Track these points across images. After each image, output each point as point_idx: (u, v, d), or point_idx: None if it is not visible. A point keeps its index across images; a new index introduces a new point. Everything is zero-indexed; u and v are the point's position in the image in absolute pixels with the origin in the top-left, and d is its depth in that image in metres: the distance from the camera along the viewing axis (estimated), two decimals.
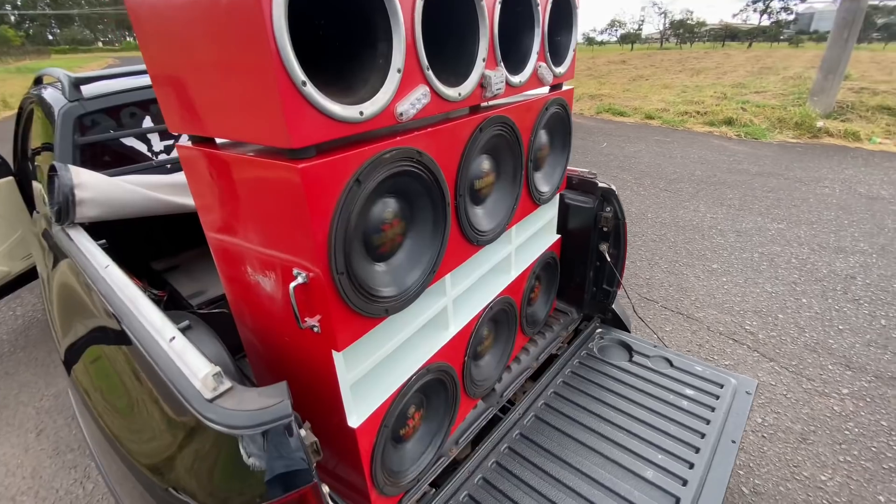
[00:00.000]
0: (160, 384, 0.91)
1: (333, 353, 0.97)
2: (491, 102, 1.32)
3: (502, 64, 1.22)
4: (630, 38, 45.34)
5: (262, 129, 0.78)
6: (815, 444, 2.08)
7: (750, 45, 35.49)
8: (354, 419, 1.08)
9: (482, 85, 1.17)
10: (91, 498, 1.93)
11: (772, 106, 9.14)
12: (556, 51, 1.55)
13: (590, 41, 55.51)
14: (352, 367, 1.05)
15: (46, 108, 1.97)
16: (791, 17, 42.04)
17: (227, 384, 0.85)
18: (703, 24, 44.79)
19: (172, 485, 0.88)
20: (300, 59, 0.73)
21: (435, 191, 1.08)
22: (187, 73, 0.88)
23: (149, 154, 2.04)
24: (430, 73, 0.98)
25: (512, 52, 1.38)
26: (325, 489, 0.92)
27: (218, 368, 0.85)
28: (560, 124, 1.67)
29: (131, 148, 1.98)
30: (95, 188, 1.61)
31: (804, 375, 2.48)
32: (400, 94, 0.92)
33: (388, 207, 1.01)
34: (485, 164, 1.35)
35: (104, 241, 1.52)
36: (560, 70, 1.54)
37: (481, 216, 1.37)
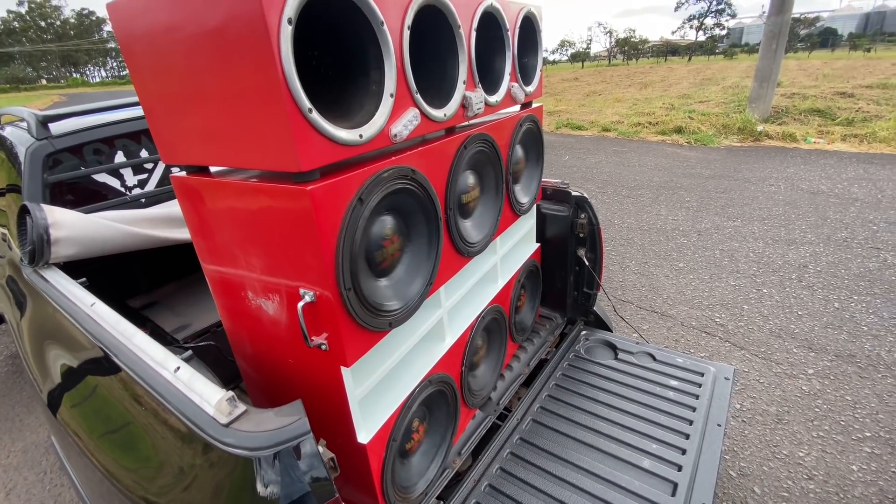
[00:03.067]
0: (169, 416, 0.90)
1: (342, 369, 0.99)
2: (472, 122, 1.41)
3: (480, 85, 1.30)
4: (580, 57, 47.62)
5: (270, 155, 0.81)
6: (790, 423, 2.21)
7: (690, 59, 37.95)
8: (364, 435, 1.09)
9: (464, 105, 1.24)
10: None
11: (716, 114, 9.78)
12: (525, 71, 1.66)
13: (543, 61, 57.93)
14: (359, 382, 1.07)
15: (8, 149, 1.91)
16: (724, 32, 45.31)
17: (242, 408, 0.85)
18: (645, 41, 47.64)
19: None
20: (305, 87, 0.77)
21: (428, 206, 1.13)
22: (186, 102, 0.90)
23: (122, 189, 2.00)
24: (418, 96, 1.04)
25: (487, 75, 1.47)
26: None
27: (231, 393, 0.86)
28: (533, 139, 1.77)
29: (104, 184, 1.94)
30: (71, 226, 1.57)
31: (773, 360, 2.64)
32: (393, 116, 0.97)
33: (387, 224, 1.05)
34: (470, 179, 1.42)
35: (84, 279, 1.48)
36: (530, 89, 1.64)
37: (470, 228, 1.43)
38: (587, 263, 2.04)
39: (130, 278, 2.14)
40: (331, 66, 0.98)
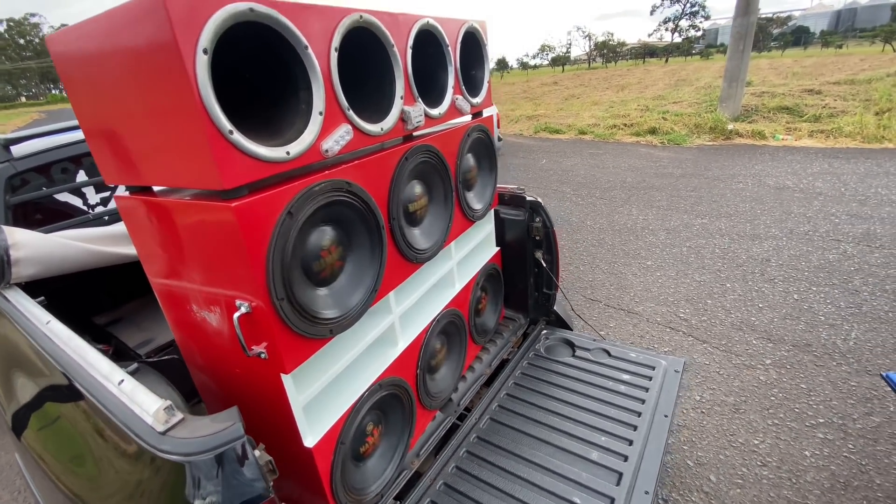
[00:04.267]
0: (114, 428, 0.94)
1: (282, 376, 1.04)
2: (420, 132, 1.47)
3: (420, 99, 1.37)
4: (560, 61, 48.27)
5: (195, 174, 0.86)
6: (746, 412, 2.29)
7: (666, 60, 38.75)
8: (310, 439, 1.13)
9: (403, 119, 1.30)
10: None
11: (688, 114, 10.03)
12: (472, 83, 1.73)
13: (524, 66, 58.56)
14: (302, 388, 1.11)
15: None
16: (699, 34, 46.33)
17: (179, 416, 0.89)
18: (623, 44, 48.48)
19: None
20: (233, 108, 0.83)
21: (368, 216, 1.19)
22: (120, 126, 0.95)
23: (85, 208, 2.02)
24: (350, 112, 1.09)
25: (431, 89, 1.53)
26: None
27: (169, 402, 0.90)
28: (484, 147, 1.84)
29: (66, 203, 1.96)
30: (31, 246, 1.59)
31: (733, 352, 2.73)
32: (324, 133, 1.03)
33: (325, 235, 1.10)
34: (417, 188, 1.48)
35: (42, 297, 1.50)
36: (476, 100, 1.71)
37: (418, 236, 1.49)
38: (544, 265, 2.11)
39: (95, 296, 2.15)
40: (265, 87, 1.03)
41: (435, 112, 1.45)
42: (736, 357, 2.70)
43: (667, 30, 46.06)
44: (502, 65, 54.33)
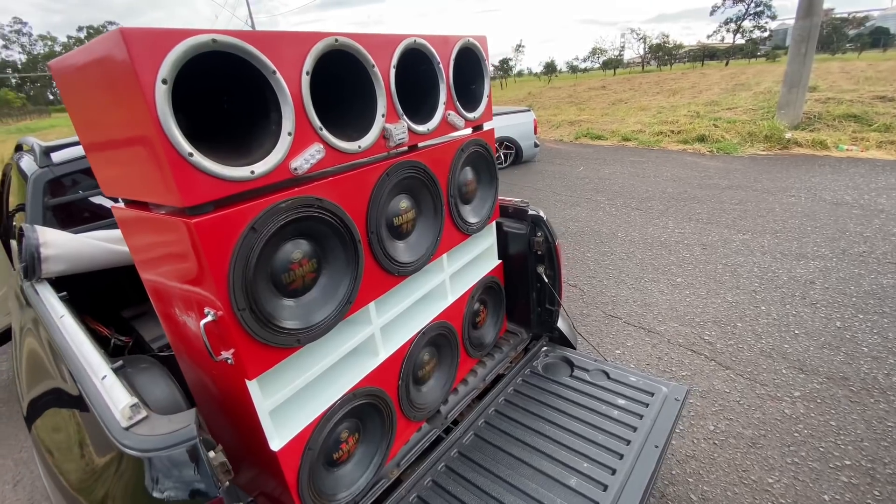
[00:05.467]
0: (93, 420, 1.02)
1: (247, 382, 1.09)
2: (407, 148, 1.49)
3: (404, 116, 1.39)
4: (612, 64, 46.92)
5: (162, 192, 0.93)
6: (764, 447, 2.14)
7: (727, 63, 36.69)
8: (276, 443, 1.18)
9: (384, 137, 1.33)
10: None
11: (742, 121, 9.46)
12: (471, 97, 1.74)
13: (573, 69, 57.42)
14: (269, 394, 1.16)
15: (22, 174, 2.15)
16: (765, 35, 43.55)
17: (143, 413, 0.96)
18: (680, 46, 46.42)
19: None
20: (206, 131, 0.89)
21: (342, 231, 1.22)
22: (105, 145, 1.04)
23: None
24: (323, 132, 1.14)
25: (422, 105, 1.56)
26: None
27: (135, 400, 0.97)
28: (483, 161, 1.84)
29: (99, 205, 2.15)
30: (60, 245, 1.76)
31: (758, 381, 2.55)
32: (293, 152, 1.07)
33: (295, 249, 1.15)
34: (403, 202, 1.50)
35: (65, 293, 1.65)
36: (473, 115, 1.71)
37: (402, 249, 1.51)
38: (546, 280, 2.07)
39: (124, 292, 2.34)
40: (240, 111, 1.10)
41: (422, 128, 1.47)
42: (761, 387, 2.52)
43: (728, 31, 43.63)
44: (550, 69, 53.49)
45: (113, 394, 1.03)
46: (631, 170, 7.71)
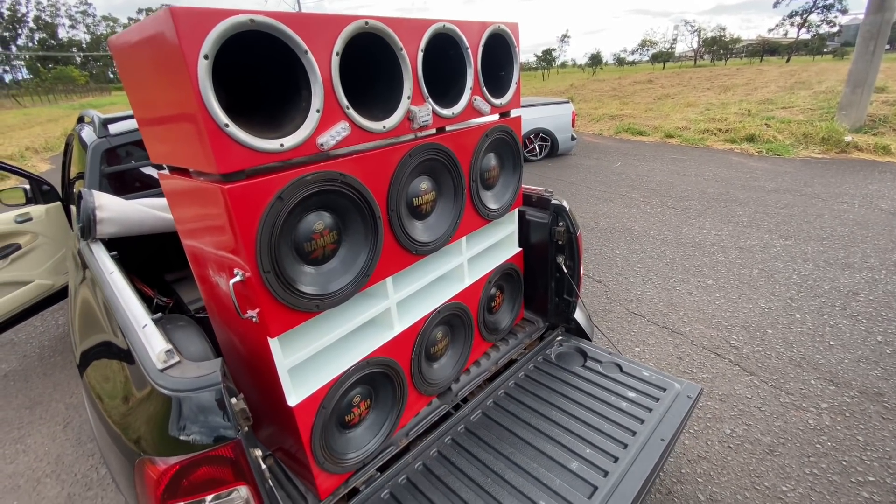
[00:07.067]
0: (133, 367, 1.14)
1: (269, 339, 1.18)
2: (431, 131, 1.54)
3: (430, 99, 1.44)
4: (662, 58, 45.00)
5: (201, 159, 1.01)
6: (782, 455, 2.08)
7: (788, 59, 34.46)
8: (293, 399, 1.27)
9: (409, 118, 1.38)
10: (103, 481, 2.20)
11: (798, 121, 8.93)
12: (499, 84, 1.76)
13: (620, 62, 55.45)
14: (289, 353, 1.25)
15: (83, 143, 2.35)
16: (835, 30, 40.57)
17: (176, 359, 1.07)
18: (737, 40, 43.92)
19: (135, 440, 1.09)
20: (243, 105, 0.97)
21: (363, 206, 1.29)
22: (154, 115, 1.14)
23: None
24: (350, 111, 1.20)
25: (451, 89, 1.60)
26: (258, 452, 1.11)
27: (170, 346, 1.08)
28: (507, 148, 1.86)
29: (149, 175, 2.32)
30: (113, 209, 1.93)
31: (783, 389, 2.48)
32: (321, 128, 1.14)
33: (317, 220, 1.22)
34: (424, 183, 1.55)
35: (115, 252, 1.81)
36: (500, 101, 1.73)
37: (421, 229, 1.57)
38: (566, 271, 2.08)
39: (167, 257, 2.52)
40: (276, 87, 1.17)
41: (447, 112, 1.51)
42: (786, 395, 2.44)
43: (792, 25, 40.87)
44: (595, 60, 51.86)
45: (151, 340, 1.14)
46: (671, 167, 7.45)
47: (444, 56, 1.52)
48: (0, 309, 2.77)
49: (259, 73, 1.15)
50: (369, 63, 1.33)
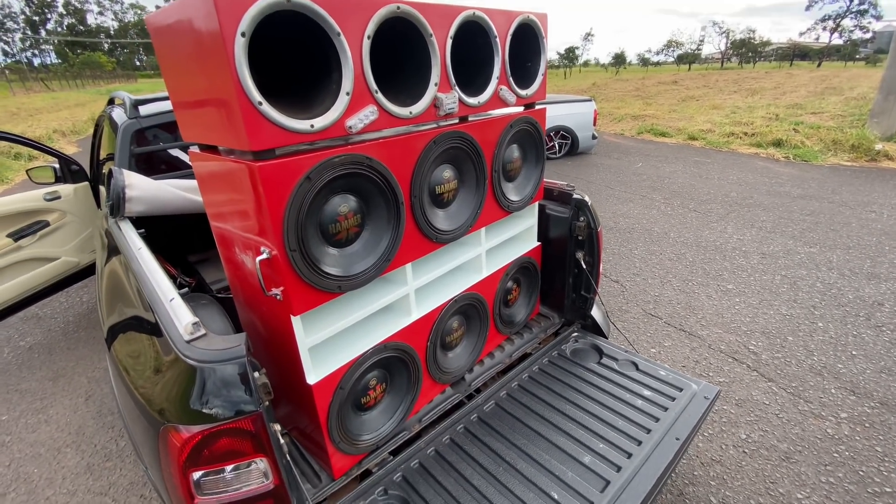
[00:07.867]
0: (160, 340, 1.17)
1: (292, 317, 1.20)
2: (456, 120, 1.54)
3: (457, 87, 1.44)
4: (688, 59, 44.11)
5: (233, 136, 1.03)
6: (798, 463, 2.05)
7: (819, 64, 33.47)
8: (312, 377, 1.29)
9: (435, 105, 1.38)
10: (122, 452, 2.27)
11: (827, 127, 8.68)
12: (526, 74, 1.75)
13: (644, 62, 54.54)
14: (310, 332, 1.27)
15: (113, 124, 2.40)
16: (868, 36, 39.26)
17: (202, 331, 1.09)
18: (767, 43, 42.80)
19: (160, 409, 1.12)
20: (276, 85, 0.98)
21: (387, 191, 1.30)
22: (189, 92, 1.16)
23: (189, 162, 2.42)
24: (379, 95, 1.21)
25: (478, 77, 1.59)
26: (277, 427, 1.14)
27: (197, 319, 1.10)
28: (530, 140, 1.85)
29: (176, 157, 2.37)
30: (142, 188, 1.98)
31: (802, 397, 2.43)
32: (350, 111, 1.15)
33: (343, 202, 1.24)
34: (447, 172, 1.56)
35: (143, 230, 1.85)
36: (526, 92, 1.72)
37: (442, 217, 1.57)
38: (585, 267, 2.07)
39: (191, 239, 2.57)
40: (308, 69, 1.19)
41: (473, 101, 1.51)
42: (805, 403, 2.39)
43: (825, 29, 39.66)
44: (619, 60, 51.09)
45: (178, 313, 1.17)
46: (693, 170, 7.32)
47: (471, 44, 1.52)
48: (28, 283, 2.86)
49: (290, 55, 1.16)
50: (398, 48, 1.34)
